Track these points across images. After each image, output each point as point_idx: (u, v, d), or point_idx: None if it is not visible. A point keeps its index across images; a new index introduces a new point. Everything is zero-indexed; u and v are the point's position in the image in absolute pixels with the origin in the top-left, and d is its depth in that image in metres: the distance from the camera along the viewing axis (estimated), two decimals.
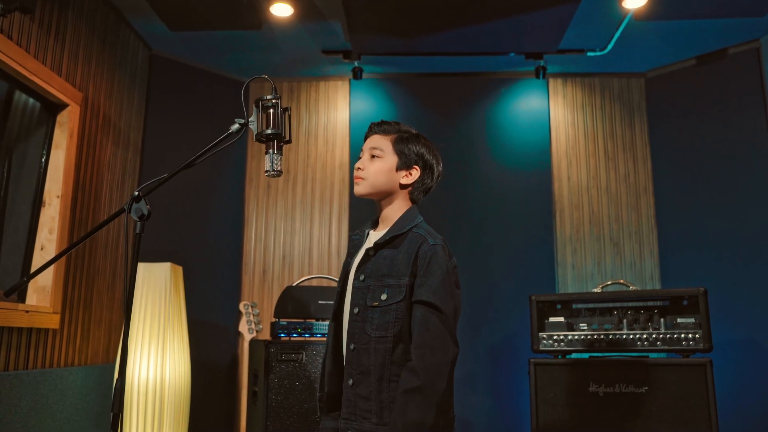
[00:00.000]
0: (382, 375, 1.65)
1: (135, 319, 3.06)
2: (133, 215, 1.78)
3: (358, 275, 1.76)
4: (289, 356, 2.76)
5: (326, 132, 4.25)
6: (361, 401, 1.67)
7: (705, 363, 2.74)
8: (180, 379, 3.11)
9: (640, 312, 3.00)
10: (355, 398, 1.68)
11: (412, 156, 1.82)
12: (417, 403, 1.56)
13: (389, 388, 1.65)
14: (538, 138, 4.15)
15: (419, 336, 1.64)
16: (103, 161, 3.37)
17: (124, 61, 3.60)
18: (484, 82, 4.23)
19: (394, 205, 1.83)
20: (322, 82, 4.30)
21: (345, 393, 1.72)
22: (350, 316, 1.74)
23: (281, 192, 4.20)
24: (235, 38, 3.74)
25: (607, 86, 4.24)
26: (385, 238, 1.77)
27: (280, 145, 1.89)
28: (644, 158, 4.13)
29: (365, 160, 1.84)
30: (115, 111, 3.50)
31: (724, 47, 3.85)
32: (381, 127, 1.88)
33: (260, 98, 1.93)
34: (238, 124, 1.93)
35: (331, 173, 4.19)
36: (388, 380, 1.66)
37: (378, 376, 1.66)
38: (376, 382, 1.65)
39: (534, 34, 3.62)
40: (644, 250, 4.01)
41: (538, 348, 3.10)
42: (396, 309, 1.68)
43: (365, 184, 1.80)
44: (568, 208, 4.08)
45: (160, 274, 3.12)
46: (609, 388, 2.89)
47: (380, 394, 1.65)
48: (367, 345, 1.68)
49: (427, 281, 1.67)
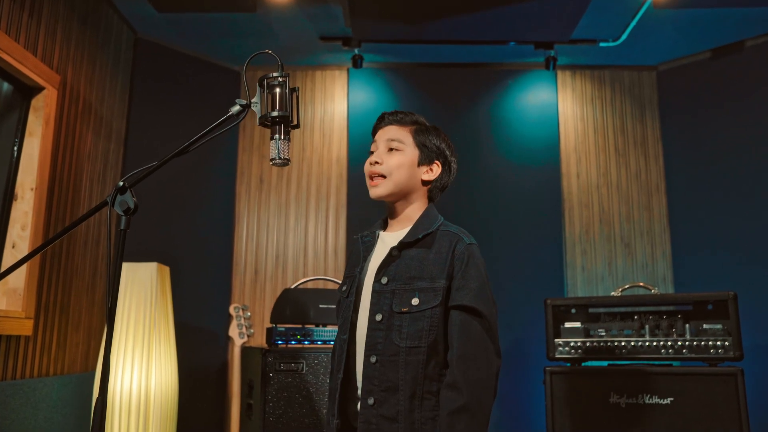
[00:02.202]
0: (414, 392, 1.43)
1: (118, 323, 2.81)
2: (117, 209, 1.55)
3: (379, 278, 1.54)
4: (288, 365, 2.53)
5: (323, 124, 4.01)
6: (386, 423, 1.44)
7: (736, 372, 2.56)
8: (167, 388, 2.86)
9: (662, 317, 2.81)
10: (378, 420, 1.45)
11: (433, 149, 1.63)
12: (465, 425, 1.35)
13: (422, 407, 1.43)
14: (546, 133, 3.96)
15: (460, 346, 1.43)
16: (83, 151, 3.10)
17: (106, 44, 3.33)
18: (490, 74, 4.02)
19: (412, 203, 1.62)
20: (319, 71, 4.06)
21: (363, 414, 1.48)
22: (370, 324, 1.51)
23: (274, 188, 3.95)
24: (226, 21, 3.48)
25: (618, 79, 4.05)
26: (415, 236, 1.54)
27: (288, 130, 1.66)
28: (656, 155, 3.95)
29: (381, 152, 1.62)
30: (97, 97, 3.23)
31: (741, 39, 3.68)
32: (396, 117, 1.67)
33: (265, 76, 1.71)
34: (239, 105, 1.70)
35: (328, 168, 3.95)
36: (421, 398, 1.43)
37: (409, 393, 1.43)
38: (407, 401, 1.43)
39: (547, 21, 3.41)
40: (656, 251, 3.83)
41: (554, 356, 2.89)
42: (431, 315, 1.46)
43: (387, 183, 1.58)
44: (577, 206, 3.89)
45: (145, 274, 2.86)
46: (631, 399, 2.70)
47: (411, 414, 1.42)
48: (394, 357, 1.45)
49: (466, 284, 1.47)
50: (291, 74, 3.98)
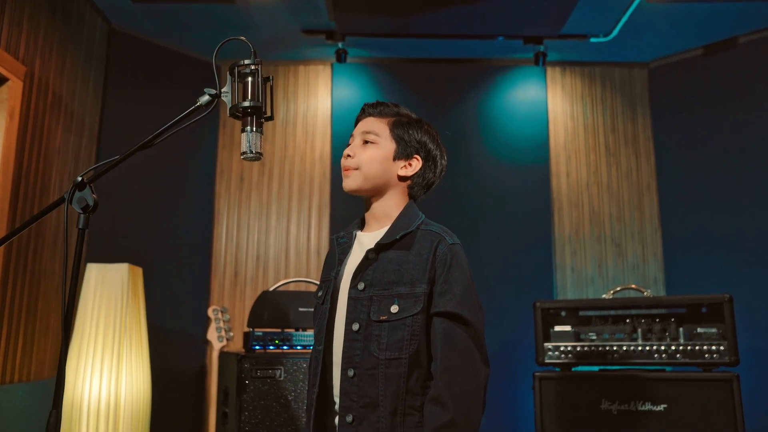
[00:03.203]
0: (396, 407, 1.31)
1: (86, 327, 2.67)
2: (75, 206, 1.43)
3: (355, 283, 1.42)
4: (265, 372, 2.40)
5: (306, 121, 3.88)
6: None
7: (731, 378, 2.46)
8: (138, 395, 2.73)
9: (655, 321, 2.72)
10: None
11: (413, 143, 1.51)
12: None
13: (404, 424, 1.31)
14: (535, 130, 3.85)
15: (445, 356, 1.31)
16: (52, 147, 2.96)
17: (78, 35, 3.18)
18: (478, 69, 3.91)
19: (389, 200, 1.50)
20: (302, 66, 3.93)
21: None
22: (347, 334, 1.39)
23: (255, 186, 3.82)
24: (205, 13, 3.35)
25: (608, 76, 3.96)
26: (393, 237, 1.42)
27: (260, 122, 1.54)
28: (647, 154, 3.86)
29: (356, 145, 1.51)
30: (67, 91, 3.09)
31: (735, 35, 3.60)
32: (376, 109, 1.56)
33: (236, 63, 1.58)
34: (209, 95, 1.57)
35: (311, 166, 3.83)
36: (403, 414, 1.32)
37: (390, 410, 1.31)
38: (388, 417, 1.31)
39: (537, 15, 3.31)
40: (648, 252, 3.74)
41: (543, 360, 2.78)
42: (412, 323, 1.34)
43: (357, 175, 1.47)
44: (567, 206, 3.79)
45: (116, 276, 2.73)
46: (623, 406, 2.59)
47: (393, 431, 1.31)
48: (372, 370, 1.34)
49: (449, 288, 1.35)
50: (273, 69, 3.89)
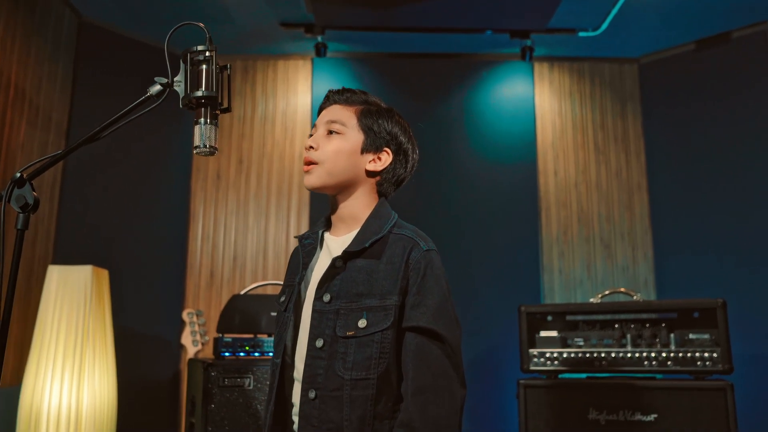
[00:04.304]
0: None
1: (46, 332, 2.54)
2: (14, 204, 1.31)
3: (321, 295, 1.27)
4: (233, 381, 2.27)
5: (285, 117, 3.75)
6: None
7: (725, 387, 2.35)
8: (102, 403, 2.59)
9: (645, 326, 2.60)
10: None
11: (382, 134, 1.36)
12: None
13: None
14: (522, 128, 3.73)
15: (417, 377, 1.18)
16: (15, 144, 2.81)
17: (44, 26, 3.04)
18: (463, 65, 3.79)
19: (357, 199, 1.36)
20: (281, 61, 3.80)
21: None
22: (309, 351, 1.25)
23: (233, 184, 3.68)
24: (179, 5, 3.21)
25: (597, 72, 3.84)
26: (362, 245, 1.28)
27: (215, 114, 1.41)
28: (638, 152, 3.75)
29: (319, 136, 1.36)
30: (32, 85, 2.95)
31: (728, 30, 3.49)
32: (343, 95, 1.40)
33: (188, 50, 1.45)
34: (159, 84, 1.46)
35: (290, 164, 3.70)
36: None
37: None
38: None
39: (523, 8, 3.19)
40: (638, 253, 3.62)
41: (528, 367, 2.66)
42: (381, 340, 1.21)
43: (320, 170, 1.32)
44: (554, 206, 3.68)
45: (78, 278, 2.59)
46: (612, 416, 2.48)
47: None
48: (337, 392, 1.20)
49: (423, 300, 1.22)
50: (252, 64, 3.75)
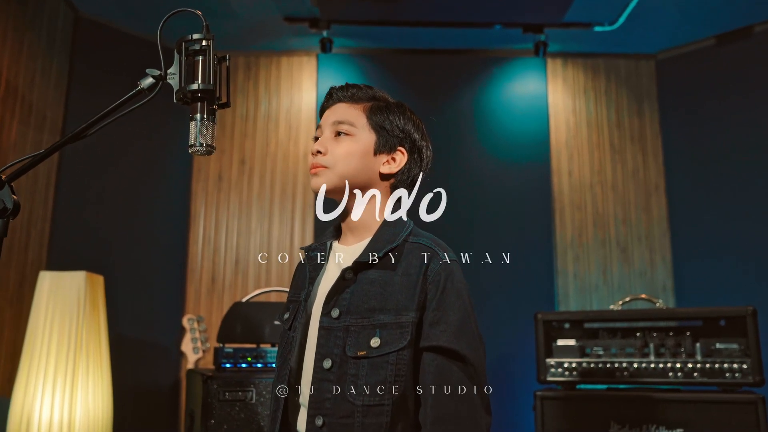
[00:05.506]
0: None
1: (37, 340, 2.41)
2: None
3: (328, 310, 1.15)
4: (234, 394, 2.14)
5: (289, 116, 3.63)
6: None
7: (756, 400, 2.20)
8: (96, 414, 2.47)
9: (668, 334, 2.47)
10: None
11: (395, 133, 1.24)
12: None
13: None
14: (535, 126, 3.61)
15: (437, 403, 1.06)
16: (7, 143, 2.70)
17: (37, 21, 2.92)
18: (474, 61, 3.67)
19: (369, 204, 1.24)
20: (285, 57, 3.67)
21: None
22: (316, 373, 1.12)
23: (235, 185, 3.56)
24: None
25: (613, 69, 3.71)
26: (376, 255, 1.15)
27: (213, 109, 1.28)
28: (655, 151, 3.62)
29: (326, 139, 1.24)
30: (25, 82, 2.83)
31: (749, 24, 3.36)
32: (347, 92, 1.28)
33: (183, 39, 1.32)
34: (152, 77, 1.33)
35: (294, 164, 3.58)
36: None
37: None
38: None
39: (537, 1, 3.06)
40: (656, 257, 3.49)
41: (545, 378, 2.53)
42: (396, 361, 1.08)
43: (329, 174, 1.21)
44: (569, 207, 3.54)
45: (71, 285, 2.47)
46: (634, 430, 2.34)
47: None
48: (347, 419, 1.07)
49: (444, 316, 1.10)
50: (254, 60, 3.62)
